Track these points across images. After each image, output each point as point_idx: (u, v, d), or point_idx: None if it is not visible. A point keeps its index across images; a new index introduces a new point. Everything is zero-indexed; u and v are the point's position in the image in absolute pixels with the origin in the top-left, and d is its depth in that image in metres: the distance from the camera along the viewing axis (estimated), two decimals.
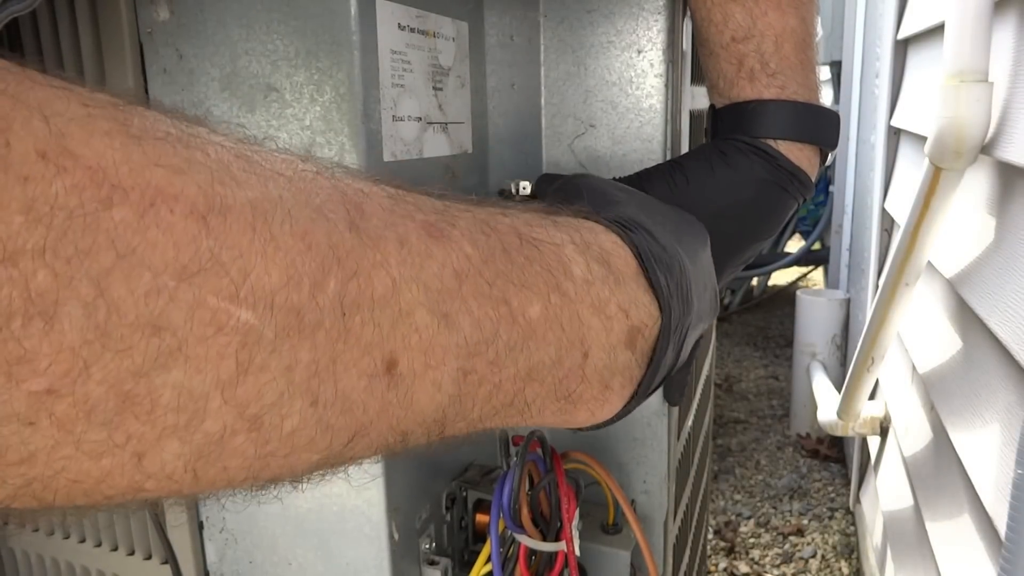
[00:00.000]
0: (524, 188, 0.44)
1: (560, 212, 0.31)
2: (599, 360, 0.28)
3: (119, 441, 0.16)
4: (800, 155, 0.43)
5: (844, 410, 1.35)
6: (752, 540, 1.86)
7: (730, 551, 1.82)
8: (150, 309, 0.16)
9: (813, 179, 0.45)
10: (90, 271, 0.15)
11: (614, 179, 0.43)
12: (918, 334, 1.15)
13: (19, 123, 0.14)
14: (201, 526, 0.51)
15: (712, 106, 0.46)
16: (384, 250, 0.21)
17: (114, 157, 0.16)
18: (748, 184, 0.42)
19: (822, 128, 0.44)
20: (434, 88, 0.46)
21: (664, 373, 0.31)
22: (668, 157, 0.53)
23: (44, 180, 0.14)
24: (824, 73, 3.10)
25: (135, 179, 0.16)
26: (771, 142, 0.42)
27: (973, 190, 0.89)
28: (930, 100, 0.81)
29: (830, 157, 0.47)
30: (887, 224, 1.57)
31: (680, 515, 0.69)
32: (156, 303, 0.16)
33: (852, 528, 1.87)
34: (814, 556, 1.78)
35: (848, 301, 2.23)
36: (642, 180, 0.43)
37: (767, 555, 1.80)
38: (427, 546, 0.49)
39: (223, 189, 0.17)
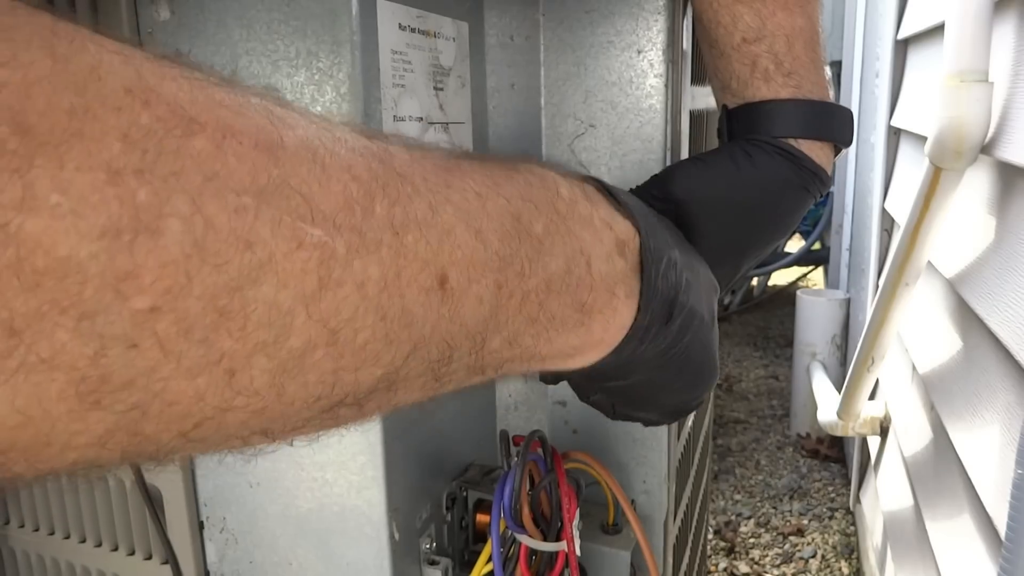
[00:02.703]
0: None
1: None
2: (601, 268, 0.30)
3: (214, 358, 0.17)
4: (820, 153, 0.43)
5: (844, 410, 1.35)
6: (752, 540, 1.86)
7: (730, 551, 1.82)
8: (242, 224, 0.17)
9: (830, 175, 0.45)
10: (185, 189, 0.16)
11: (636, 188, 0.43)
12: (918, 334, 1.15)
13: (106, 62, 0.15)
14: (201, 526, 0.51)
15: (724, 106, 0.47)
16: (413, 182, 0.23)
17: (185, 96, 0.17)
18: (773, 185, 0.42)
19: (839, 126, 0.44)
20: (435, 88, 0.46)
21: (661, 297, 0.32)
22: (668, 157, 0.53)
23: (133, 111, 0.15)
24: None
25: (207, 115, 0.17)
26: (792, 141, 0.42)
27: (973, 190, 0.89)
28: (930, 100, 0.82)
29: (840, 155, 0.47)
30: (887, 224, 1.57)
31: (680, 515, 0.69)
32: (245, 219, 0.17)
33: (852, 528, 1.87)
34: (814, 556, 1.78)
35: (848, 301, 2.23)
36: (664, 177, 0.43)
37: (767, 555, 1.80)
38: (427, 546, 0.49)
39: (277, 129, 0.19)
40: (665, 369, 0.35)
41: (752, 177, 0.42)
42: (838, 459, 2.18)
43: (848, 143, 0.45)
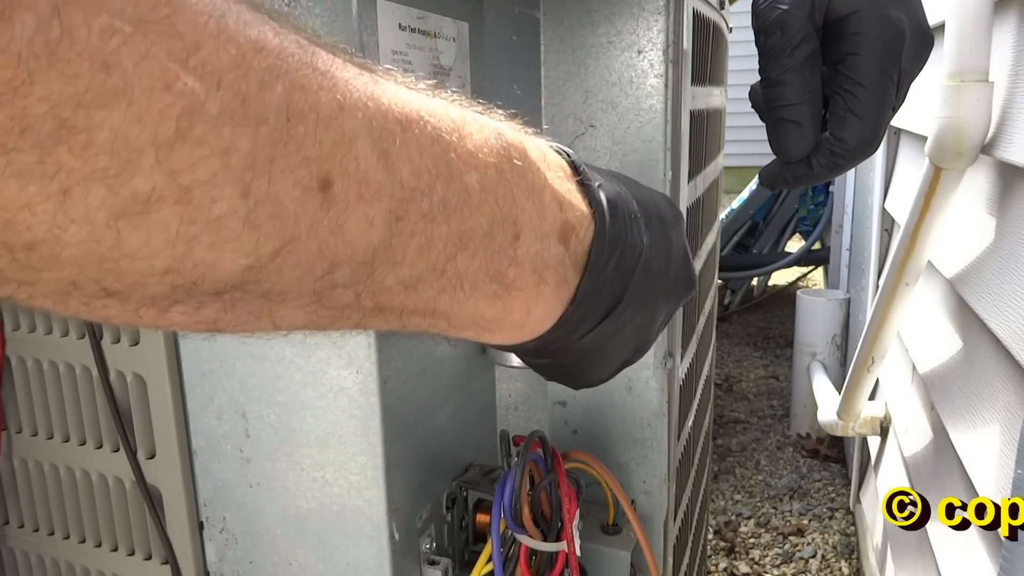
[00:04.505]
0: None
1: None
2: (531, 246, 0.29)
3: (49, 170, 0.17)
4: None
5: (844, 410, 1.35)
6: (752, 540, 1.86)
7: (730, 551, 1.82)
8: (103, 45, 0.16)
9: None
10: None
11: None
12: (918, 334, 1.15)
13: None
14: (201, 526, 0.51)
15: None
16: (332, 78, 0.22)
17: None
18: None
19: None
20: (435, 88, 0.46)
21: (608, 291, 0.31)
22: (668, 157, 0.53)
23: None
24: None
25: None
26: None
27: (973, 190, 0.89)
28: (930, 100, 0.82)
29: None
30: (887, 224, 1.57)
31: (680, 515, 0.69)
32: (110, 41, 0.16)
33: (852, 528, 1.87)
34: (814, 556, 1.78)
35: (848, 301, 2.23)
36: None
37: (767, 555, 1.80)
38: (428, 546, 0.49)
39: None
40: (597, 355, 0.34)
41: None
42: (838, 459, 2.18)
43: None
